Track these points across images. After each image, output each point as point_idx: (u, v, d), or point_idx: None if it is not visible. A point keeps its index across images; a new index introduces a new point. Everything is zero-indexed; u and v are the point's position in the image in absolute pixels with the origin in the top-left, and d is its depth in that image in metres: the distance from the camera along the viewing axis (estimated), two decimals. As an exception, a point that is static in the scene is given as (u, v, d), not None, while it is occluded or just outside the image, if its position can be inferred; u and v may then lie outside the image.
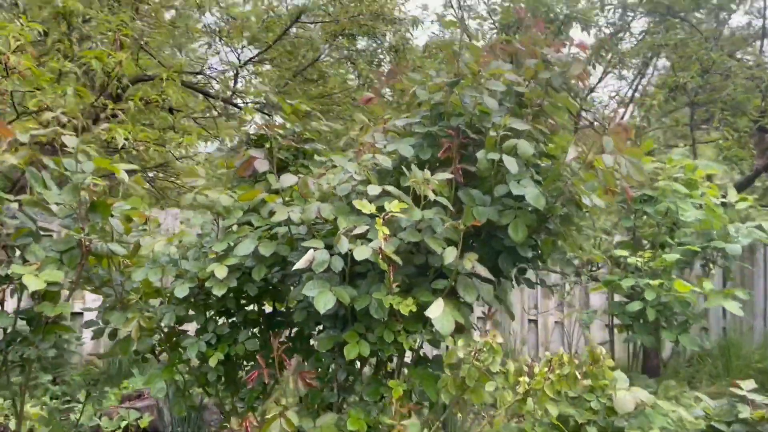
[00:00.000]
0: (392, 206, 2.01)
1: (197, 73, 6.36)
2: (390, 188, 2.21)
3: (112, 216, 2.53)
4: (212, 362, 2.42)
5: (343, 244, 2.09)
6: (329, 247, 2.17)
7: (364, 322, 2.27)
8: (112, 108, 4.39)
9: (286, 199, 2.44)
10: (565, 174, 2.22)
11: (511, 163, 2.20)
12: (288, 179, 2.31)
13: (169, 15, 6.09)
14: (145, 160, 4.91)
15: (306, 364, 2.44)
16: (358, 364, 2.46)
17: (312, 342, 2.57)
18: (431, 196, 2.13)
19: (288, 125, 2.97)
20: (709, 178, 3.72)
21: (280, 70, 7.61)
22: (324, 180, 2.30)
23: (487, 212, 2.29)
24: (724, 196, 3.63)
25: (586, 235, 2.70)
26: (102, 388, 2.75)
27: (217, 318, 2.63)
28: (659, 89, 5.69)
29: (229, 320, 2.63)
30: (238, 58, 6.71)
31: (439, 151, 2.40)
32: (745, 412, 2.39)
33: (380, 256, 2.03)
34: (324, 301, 2.07)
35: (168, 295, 2.51)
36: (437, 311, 2.07)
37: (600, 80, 7.85)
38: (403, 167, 2.46)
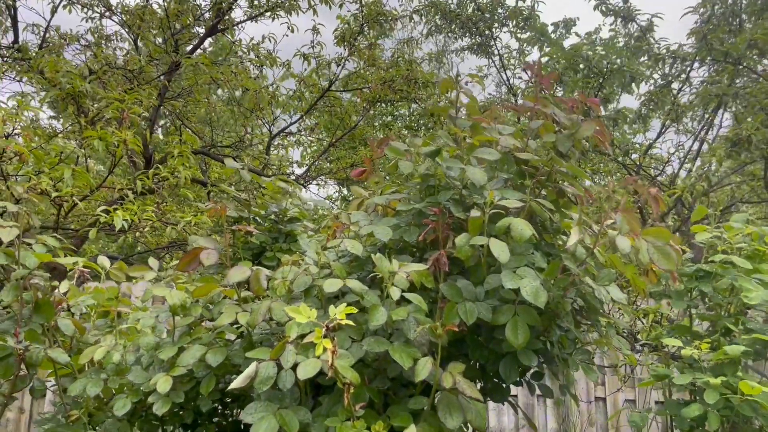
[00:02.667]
0: (338, 311, 1.59)
1: (227, 146, 6.24)
2: (353, 283, 1.80)
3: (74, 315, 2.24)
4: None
5: (288, 356, 1.69)
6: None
7: (327, 451, 1.83)
8: (120, 188, 4.23)
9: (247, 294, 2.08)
10: (566, 263, 1.75)
11: (500, 250, 1.76)
12: (238, 273, 1.94)
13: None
14: (149, 241, 4.74)
15: None
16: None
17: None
18: (395, 295, 1.71)
19: (270, 204, 2.65)
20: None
21: (317, 141, 7.45)
22: (279, 273, 1.92)
23: (476, 310, 1.83)
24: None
25: (614, 330, 2.19)
26: None
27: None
28: (720, 144, 5.08)
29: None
30: (270, 130, 6.58)
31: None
32: None
33: (330, 369, 1.61)
34: (262, 430, 1.66)
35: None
36: (407, 445, 1.62)
37: (659, 135, 7.26)
38: (385, 254, 2.07)
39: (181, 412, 2.21)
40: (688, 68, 6.54)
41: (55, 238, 2.49)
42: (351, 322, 1.59)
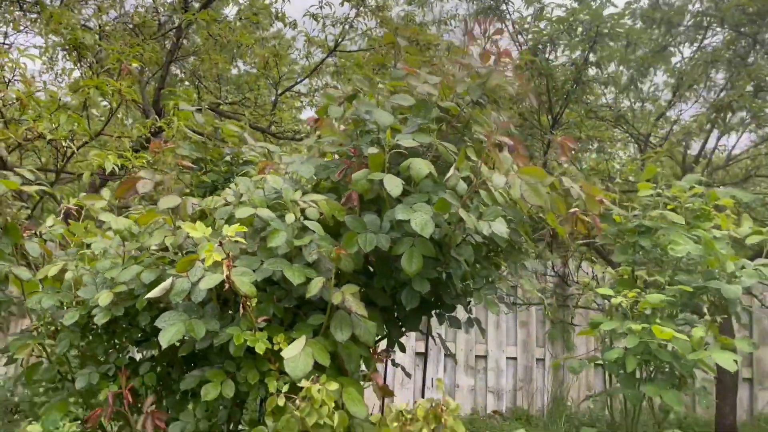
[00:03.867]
0: (230, 229, 1.79)
1: (231, 103, 6.47)
2: (263, 212, 2.00)
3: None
4: (102, 396, 2.29)
5: (197, 271, 1.90)
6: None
7: (238, 361, 2.05)
8: (118, 136, 4.50)
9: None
10: (447, 197, 1.91)
11: (392, 185, 1.93)
12: (168, 200, 2.16)
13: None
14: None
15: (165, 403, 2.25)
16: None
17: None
18: (289, 219, 1.90)
19: (227, 148, 2.85)
20: None
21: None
22: (204, 202, 2.13)
23: (375, 240, 2.01)
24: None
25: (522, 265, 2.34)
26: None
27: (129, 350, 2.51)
28: (705, 113, 5.05)
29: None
30: (275, 88, 6.77)
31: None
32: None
33: (226, 287, 1.82)
34: (168, 336, 1.88)
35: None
36: (294, 351, 1.82)
37: (670, 104, 7.17)
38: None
39: (130, 329, 2.46)
40: (702, 35, 6.43)
41: (31, 172, 2.76)
42: (242, 240, 1.79)
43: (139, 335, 2.47)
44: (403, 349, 2.52)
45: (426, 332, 2.75)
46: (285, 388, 1.86)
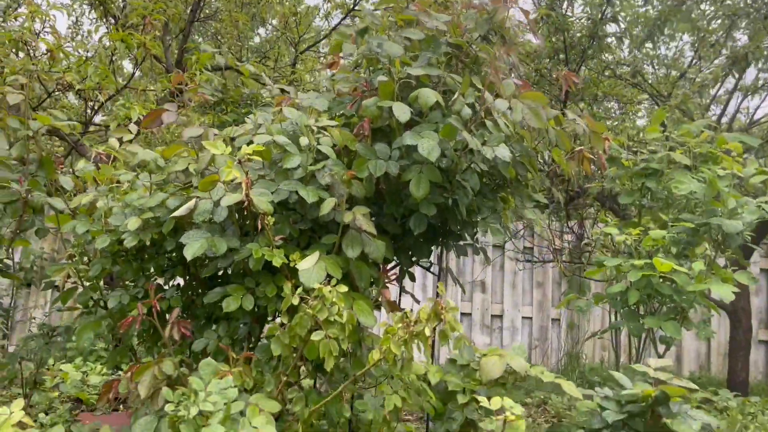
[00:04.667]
0: (248, 149, 1.93)
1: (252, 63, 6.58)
2: (280, 138, 2.13)
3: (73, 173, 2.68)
4: (134, 313, 2.46)
5: (217, 191, 2.05)
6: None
7: (257, 278, 2.21)
8: (143, 89, 4.66)
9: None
10: (452, 121, 2.01)
11: (400, 111, 2.04)
12: (192, 131, 2.30)
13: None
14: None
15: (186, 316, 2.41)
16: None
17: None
18: (303, 142, 2.03)
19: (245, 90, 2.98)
20: None
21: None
22: (224, 132, 2.26)
23: (385, 166, 2.14)
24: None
25: (528, 196, 2.45)
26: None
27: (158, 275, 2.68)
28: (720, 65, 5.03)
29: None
30: (295, 48, 6.85)
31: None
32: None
33: (246, 204, 1.96)
34: (193, 250, 2.04)
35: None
36: (308, 263, 1.96)
37: (691, 63, 7.10)
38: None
39: (157, 256, 2.62)
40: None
41: (62, 112, 2.91)
42: (259, 158, 1.93)
43: (166, 263, 2.64)
44: (413, 278, 2.65)
45: (438, 272, 2.87)
46: (299, 290, 1.98)
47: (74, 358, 4.94)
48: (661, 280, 2.74)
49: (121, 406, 3.89)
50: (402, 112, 2.03)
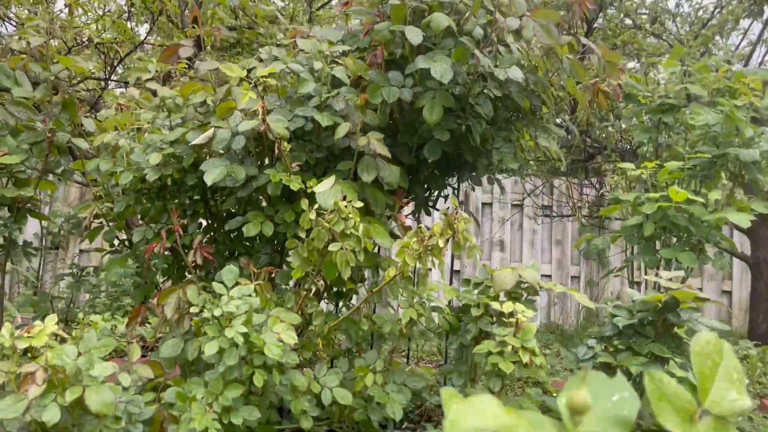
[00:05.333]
0: (263, 71, 1.97)
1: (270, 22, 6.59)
2: (294, 66, 2.16)
3: (87, 116, 2.75)
4: (157, 249, 2.54)
5: (235, 118, 2.09)
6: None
7: (277, 206, 2.26)
8: (159, 45, 4.71)
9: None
10: (464, 40, 2.03)
11: (413, 35, 2.06)
12: (206, 64, 2.34)
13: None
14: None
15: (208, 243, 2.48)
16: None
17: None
18: (317, 66, 2.06)
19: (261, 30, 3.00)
20: None
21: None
22: (241, 63, 2.30)
23: (397, 92, 2.16)
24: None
25: (543, 127, 2.46)
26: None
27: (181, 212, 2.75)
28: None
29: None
30: (309, 4, 6.84)
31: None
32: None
33: (263, 128, 2.00)
34: (213, 176, 2.09)
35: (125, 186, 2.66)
36: (325, 187, 2.01)
37: (715, 9, 6.95)
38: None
39: (179, 195, 2.69)
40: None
41: (83, 59, 2.97)
42: (274, 81, 1.97)
43: (187, 201, 2.71)
44: (428, 212, 2.69)
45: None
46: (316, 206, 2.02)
47: (103, 312, 5.10)
48: (677, 212, 2.74)
49: (149, 353, 4.03)
50: (414, 35, 2.05)
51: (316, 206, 1.81)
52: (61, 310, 3.29)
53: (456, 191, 2.82)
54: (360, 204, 1.80)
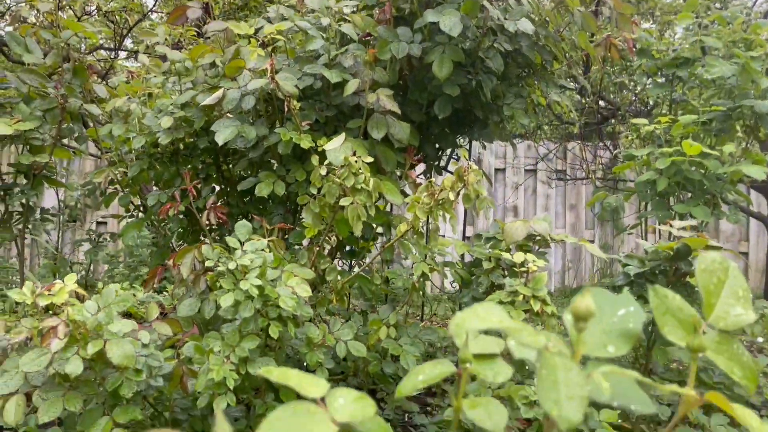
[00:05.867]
0: (271, 28, 1.96)
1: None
2: (302, 23, 2.15)
3: (97, 82, 2.76)
4: (171, 211, 2.57)
5: (244, 78, 2.09)
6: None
7: (288, 166, 2.28)
8: (168, 13, 4.69)
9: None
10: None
11: (421, -12, 2.04)
12: (216, 25, 2.33)
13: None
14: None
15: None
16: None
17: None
18: (324, 21, 2.05)
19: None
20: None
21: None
22: (250, 22, 2.29)
23: (406, 48, 2.15)
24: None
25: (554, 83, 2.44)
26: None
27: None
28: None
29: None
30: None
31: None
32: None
33: (272, 86, 2.00)
34: (223, 136, 2.10)
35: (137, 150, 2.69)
36: (335, 144, 2.01)
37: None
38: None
39: (191, 159, 2.71)
40: None
41: (93, 25, 2.97)
42: (282, 38, 1.96)
43: (200, 165, 2.73)
44: (440, 171, 2.69)
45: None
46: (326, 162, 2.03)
47: (123, 282, 5.19)
48: (690, 166, 2.71)
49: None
50: (422, -11, 2.03)
51: (326, 162, 1.81)
52: (80, 277, 3.35)
53: (468, 152, 2.81)
54: (370, 159, 1.80)
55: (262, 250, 1.64)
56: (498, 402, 0.73)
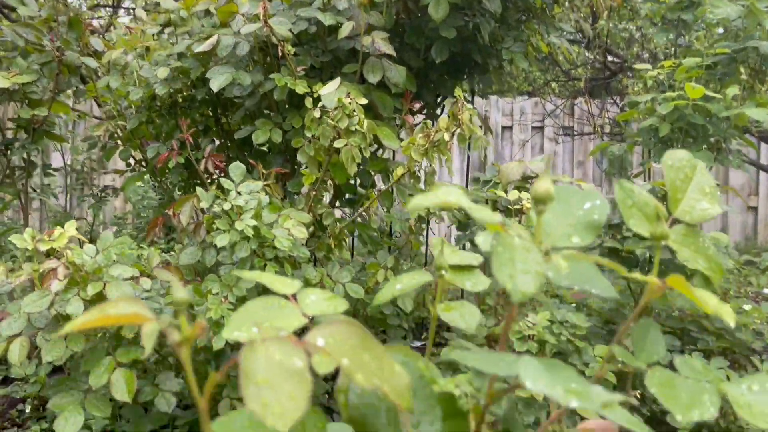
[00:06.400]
0: (261, -31, 1.94)
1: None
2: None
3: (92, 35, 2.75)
4: (170, 164, 2.58)
5: (237, 23, 2.08)
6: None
7: (283, 112, 2.27)
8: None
9: None
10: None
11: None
12: (210, -28, 2.30)
13: None
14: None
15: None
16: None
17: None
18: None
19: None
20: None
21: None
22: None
23: (402, -11, 2.12)
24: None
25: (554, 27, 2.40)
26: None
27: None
28: None
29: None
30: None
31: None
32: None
33: (265, 30, 1.99)
34: (218, 82, 2.10)
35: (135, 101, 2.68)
36: (330, 89, 2.00)
37: None
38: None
39: (189, 111, 2.71)
40: None
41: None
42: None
43: (199, 117, 2.72)
44: (436, 117, 2.68)
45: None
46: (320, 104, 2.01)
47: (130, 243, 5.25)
48: (694, 111, 2.68)
49: (175, 276, 4.15)
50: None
51: (320, 104, 1.80)
52: (85, 233, 3.39)
53: (471, 102, 2.79)
54: (364, 101, 1.79)
55: (257, 192, 1.64)
56: (471, 305, 0.74)
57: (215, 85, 2.09)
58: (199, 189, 1.77)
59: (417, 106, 2.21)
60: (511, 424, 0.59)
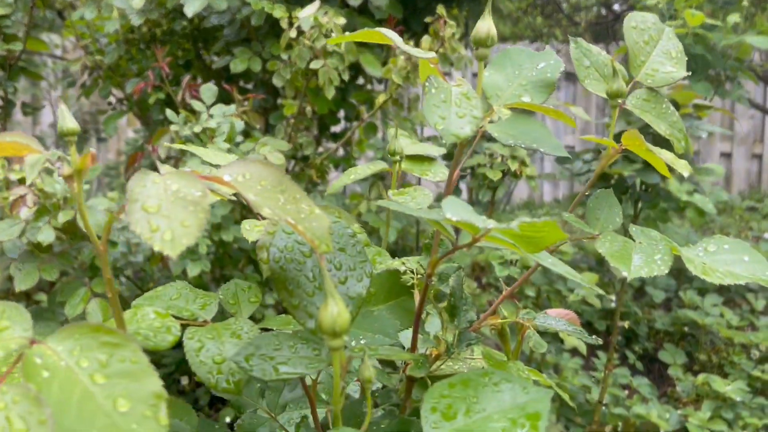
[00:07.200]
0: None
1: None
2: None
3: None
4: (151, 100, 2.51)
5: (212, -56, 1.98)
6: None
7: (263, 40, 2.19)
8: None
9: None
10: None
11: None
12: None
13: None
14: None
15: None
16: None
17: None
18: None
19: None
20: None
21: None
22: None
23: None
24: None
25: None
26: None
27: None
28: None
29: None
30: None
31: None
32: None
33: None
34: (193, 7, 2.01)
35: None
36: (308, 11, 1.91)
37: None
38: None
39: (168, 42, 2.61)
40: None
41: None
42: None
43: (179, 52, 2.64)
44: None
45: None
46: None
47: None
48: (693, 42, 2.58)
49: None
50: None
51: (296, 25, 1.72)
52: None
53: (467, 35, 2.69)
54: (343, 21, 1.71)
55: (231, 115, 1.58)
56: (425, 189, 0.69)
57: (189, 11, 2.00)
58: (168, 111, 1.70)
59: (400, 31, 2.12)
60: (457, 299, 0.55)
